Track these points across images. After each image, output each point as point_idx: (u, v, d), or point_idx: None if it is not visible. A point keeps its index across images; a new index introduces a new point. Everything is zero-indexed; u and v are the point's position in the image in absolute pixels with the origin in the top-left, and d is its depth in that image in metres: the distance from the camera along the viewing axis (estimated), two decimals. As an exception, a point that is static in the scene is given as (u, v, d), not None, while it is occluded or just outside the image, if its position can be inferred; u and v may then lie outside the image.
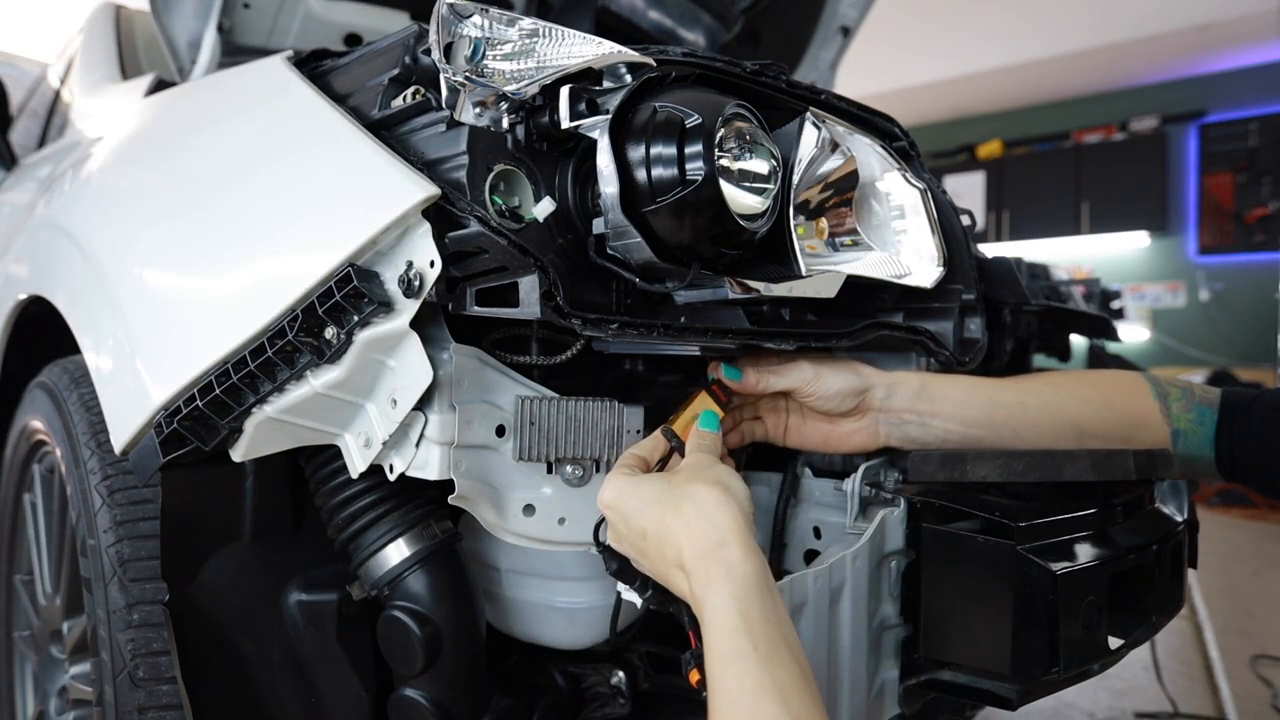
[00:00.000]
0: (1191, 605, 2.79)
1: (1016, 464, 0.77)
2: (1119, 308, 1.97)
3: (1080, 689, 2.17)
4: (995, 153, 6.94)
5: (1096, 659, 0.72)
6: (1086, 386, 0.86)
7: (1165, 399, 0.84)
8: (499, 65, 0.67)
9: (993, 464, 0.77)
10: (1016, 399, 0.85)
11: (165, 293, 0.88)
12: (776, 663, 0.56)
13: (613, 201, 0.67)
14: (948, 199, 1.00)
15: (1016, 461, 0.77)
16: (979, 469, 0.78)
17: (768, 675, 0.55)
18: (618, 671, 0.99)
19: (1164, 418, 0.84)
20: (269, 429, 0.76)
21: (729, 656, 0.57)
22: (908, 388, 0.86)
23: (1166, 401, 0.84)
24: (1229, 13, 5.05)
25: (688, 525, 0.64)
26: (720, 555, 0.61)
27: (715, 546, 0.62)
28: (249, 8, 1.59)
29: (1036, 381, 0.88)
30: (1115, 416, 0.84)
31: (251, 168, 0.87)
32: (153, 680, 0.86)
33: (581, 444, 0.77)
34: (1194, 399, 0.84)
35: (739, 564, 0.61)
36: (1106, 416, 0.84)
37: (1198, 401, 0.84)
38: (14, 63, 5.21)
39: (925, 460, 0.81)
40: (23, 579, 1.35)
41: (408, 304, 0.68)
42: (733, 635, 0.57)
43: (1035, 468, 0.76)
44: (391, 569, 0.81)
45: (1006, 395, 0.86)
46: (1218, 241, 6.00)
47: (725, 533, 0.63)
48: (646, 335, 0.72)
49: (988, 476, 0.77)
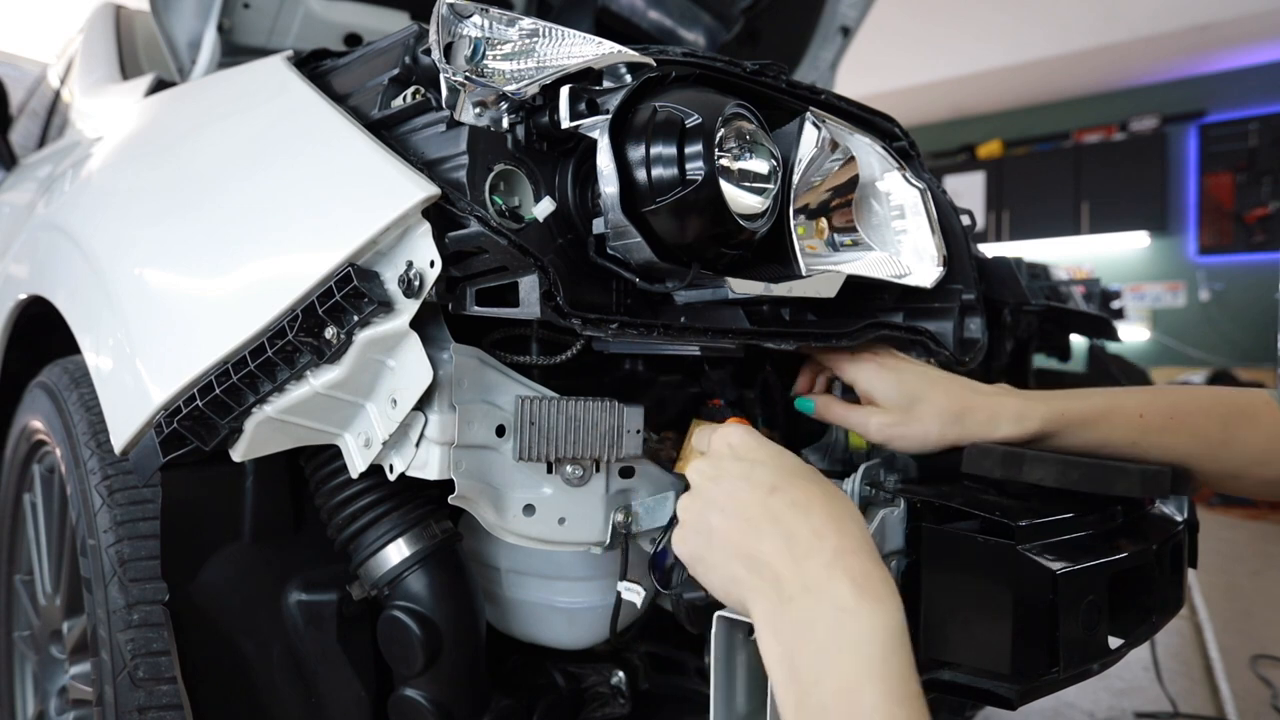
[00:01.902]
0: (1191, 605, 2.79)
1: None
2: (1119, 308, 1.97)
3: (1080, 689, 2.17)
4: (995, 153, 6.94)
5: (1096, 659, 0.72)
6: (1214, 423, 0.78)
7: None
8: (499, 65, 0.67)
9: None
10: (1131, 439, 0.78)
11: (165, 293, 0.88)
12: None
13: (613, 201, 0.67)
14: (948, 199, 1.00)
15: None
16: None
17: None
18: (618, 671, 1.00)
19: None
20: (269, 429, 0.76)
21: (897, 697, 0.47)
22: (1026, 424, 0.78)
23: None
24: (1229, 13, 5.06)
25: (837, 519, 0.56)
26: (877, 570, 0.53)
27: (867, 554, 0.54)
28: (249, 8, 1.59)
29: (1159, 413, 0.78)
30: (1230, 455, 0.77)
31: (251, 168, 0.87)
32: (153, 680, 0.86)
33: (581, 444, 0.77)
34: None
35: (895, 591, 0.53)
36: (1222, 455, 0.77)
37: None
38: (14, 63, 5.21)
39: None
40: (23, 579, 1.35)
41: (408, 304, 0.68)
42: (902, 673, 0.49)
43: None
44: (391, 569, 0.81)
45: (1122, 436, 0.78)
46: (1218, 241, 6.00)
47: (875, 553, 0.55)
48: (646, 335, 0.72)
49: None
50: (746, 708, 0.71)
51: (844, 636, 0.50)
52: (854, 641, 0.50)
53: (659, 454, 0.87)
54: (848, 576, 0.52)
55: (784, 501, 0.58)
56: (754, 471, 0.61)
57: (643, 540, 0.86)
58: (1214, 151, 6.02)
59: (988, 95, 6.71)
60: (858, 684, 0.48)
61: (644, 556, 0.87)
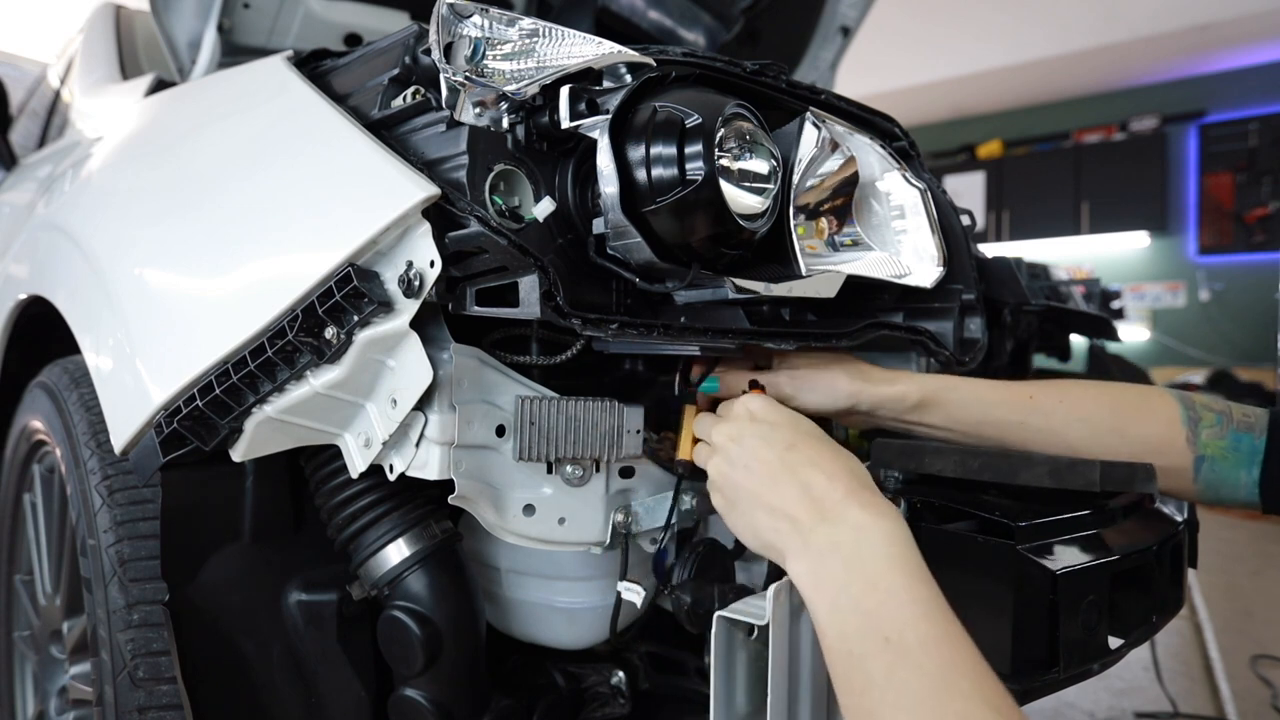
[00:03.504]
0: (1191, 605, 2.79)
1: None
2: (1119, 308, 1.97)
3: (1080, 689, 2.17)
4: (995, 153, 6.93)
5: (1096, 659, 0.72)
6: (1104, 410, 0.81)
7: (1195, 425, 0.79)
8: (499, 65, 0.67)
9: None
10: (1018, 418, 0.82)
11: (165, 293, 0.88)
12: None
13: (613, 201, 0.67)
14: (948, 199, 1.00)
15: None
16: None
17: (955, 623, 0.54)
18: (618, 671, 1.00)
19: (1188, 445, 0.78)
20: (269, 429, 0.76)
21: (919, 577, 0.56)
22: (900, 404, 0.83)
23: (1196, 428, 0.79)
24: (1229, 13, 5.05)
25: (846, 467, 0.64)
26: (882, 499, 0.62)
27: (874, 490, 0.63)
28: (249, 8, 1.59)
29: (1051, 396, 0.82)
30: (1123, 443, 0.80)
31: (252, 168, 0.87)
32: (153, 680, 0.86)
33: (581, 444, 0.77)
34: (1230, 423, 0.79)
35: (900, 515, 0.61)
36: (1113, 443, 0.80)
37: (1234, 427, 0.78)
38: (14, 63, 5.21)
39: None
40: (23, 579, 1.35)
41: (408, 304, 0.68)
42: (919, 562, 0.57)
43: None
44: (391, 569, 0.81)
45: (1006, 413, 0.82)
46: (1218, 241, 6.00)
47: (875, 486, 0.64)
48: (646, 335, 0.72)
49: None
50: (746, 708, 0.71)
51: (863, 544, 0.58)
52: (873, 544, 0.58)
53: (659, 454, 0.87)
54: (858, 504, 0.61)
55: (800, 458, 0.66)
56: (773, 433, 0.69)
57: (643, 540, 0.86)
58: (1214, 151, 6.02)
59: (988, 95, 6.71)
60: (882, 573, 0.56)
61: (644, 556, 0.88)
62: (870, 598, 0.55)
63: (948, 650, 0.52)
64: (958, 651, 0.52)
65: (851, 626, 0.55)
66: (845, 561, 0.58)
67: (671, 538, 0.86)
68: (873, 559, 0.57)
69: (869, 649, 0.54)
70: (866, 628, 0.54)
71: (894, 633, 0.53)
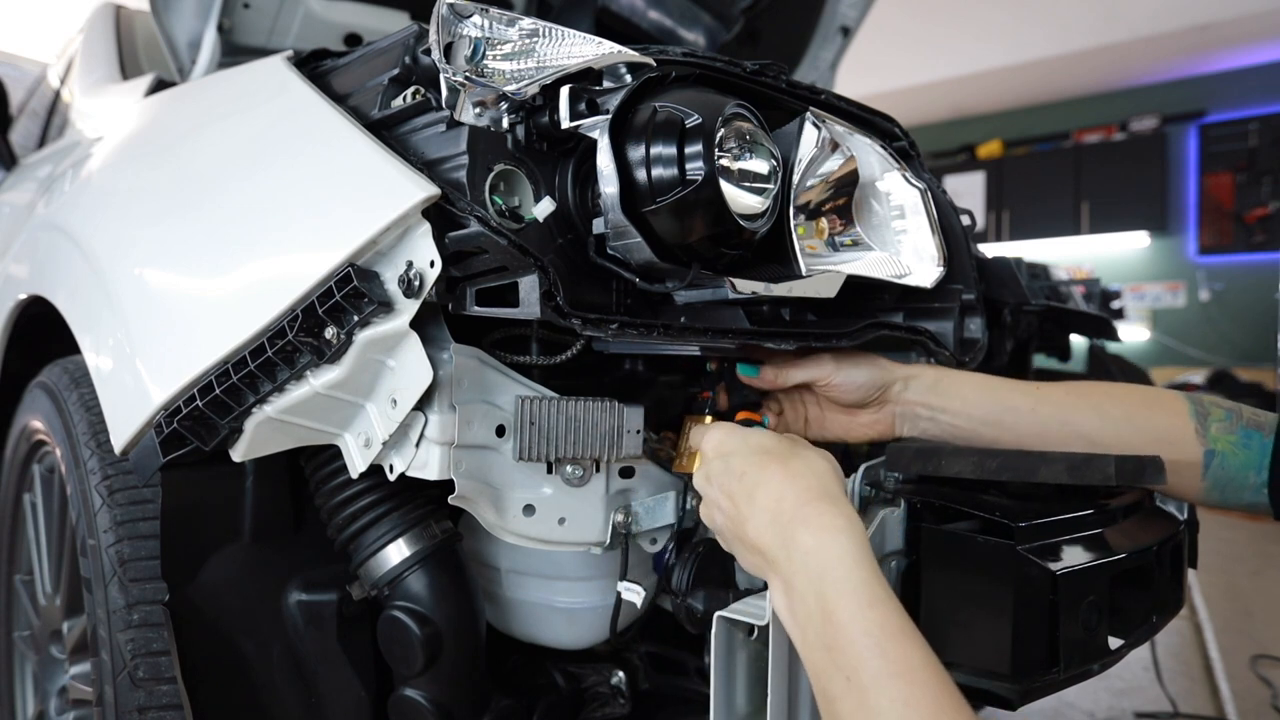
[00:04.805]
0: (1191, 605, 2.78)
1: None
2: (1119, 308, 1.97)
3: (1080, 689, 2.17)
4: (995, 153, 6.93)
5: (1096, 659, 0.72)
6: (1111, 401, 0.82)
7: (1204, 419, 0.79)
8: (499, 65, 0.67)
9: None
10: (1030, 404, 0.83)
11: (165, 293, 0.88)
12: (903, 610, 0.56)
13: (613, 201, 0.67)
14: (948, 199, 1.00)
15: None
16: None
17: (907, 621, 0.55)
18: (618, 671, 1.00)
19: (1198, 437, 0.78)
20: (269, 429, 0.76)
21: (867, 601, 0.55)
22: (923, 381, 0.87)
23: (1205, 421, 0.79)
24: (1229, 13, 5.05)
25: (793, 478, 0.64)
26: (830, 506, 0.61)
27: (822, 496, 0.62)
28: (249, 8, 1.59)
29: (1058, 389, 0.84)
30: (1134, 431, 0.80)
31: (252, 168, 0.87)
32: (153, 680, 0.86)
33: (581, 444, 0.77)
34: (1240, 420, 0.78)
35: (852, 517, 0.61)
36: (1124, 431, 0.80)
37: (1244, 424, 0.78)
38: (14, 63, 5.21)
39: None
40: (23, 579, 1.35)
41: (408, 304, 0.68)
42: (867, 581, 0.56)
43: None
44: (391, 569, 0.81)
45: (1019, 399, 0.84)
46: (1218, 241, 5.99)
47: (834, 491, 0.63)
48: (646, 335, 0.72)
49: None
50: (746, 708, 0.71)
51: (813, 571, 0.58)
52: (820, 572, 0.58)
53: (659, 454, 0.87)
54: (804, 526, 0.61)
55: (751, 483, 0.66)
56: (729, 464, 0.69)
57: (643, 540, 0.86)
58: (1214, 151, 6.02)
59: (988, 95, 6.71)
60: (834, 605, 0.56)
61: (644, 556, 0.88)
62: (828, 631, 0.56)
63: (902, 687, 0.52)
64: (912, 685, 0.52)
65: (820, 664, 0.56)
66: (801, 595, 0.59)
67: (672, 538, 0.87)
68: (826, 586, 0.57)
69: (835, 690, 0.54)
70: (830, 666, 0.55)
71: (851, 671, 0.53)
